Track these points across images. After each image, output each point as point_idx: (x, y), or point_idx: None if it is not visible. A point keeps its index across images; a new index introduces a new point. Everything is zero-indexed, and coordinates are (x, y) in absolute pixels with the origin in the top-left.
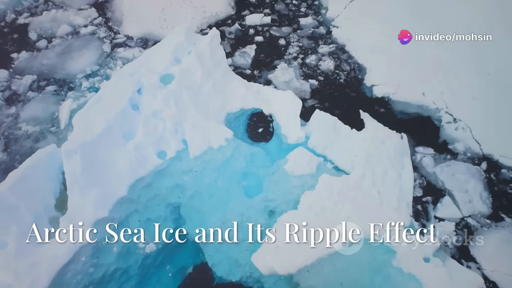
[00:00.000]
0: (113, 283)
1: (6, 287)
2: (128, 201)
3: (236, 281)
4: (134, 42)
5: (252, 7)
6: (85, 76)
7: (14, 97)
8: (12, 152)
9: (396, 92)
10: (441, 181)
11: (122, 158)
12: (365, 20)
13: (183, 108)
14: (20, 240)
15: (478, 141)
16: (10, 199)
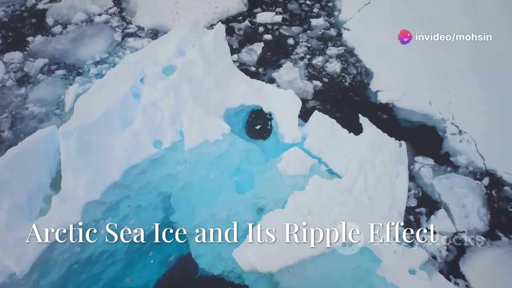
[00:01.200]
0: (99, 265)
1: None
2: (120, 187)
3: (217, 274)
4: (144, 33)
5: (265, 5)
6: (94, 63)
7: (25, 78)
8: (17, 131)
9: (402, 99)
10: (437, 193)
11: (118, 144)
12: (377, 25)
13: (182, 99)
14: (11, 214)
15: (482, 156)
16: (4, 174)
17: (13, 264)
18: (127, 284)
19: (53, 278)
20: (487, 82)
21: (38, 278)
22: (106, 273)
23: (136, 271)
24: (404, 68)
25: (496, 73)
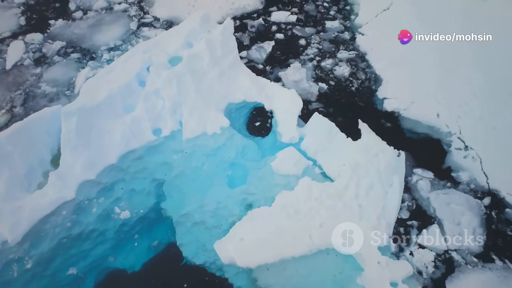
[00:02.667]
0: (88, 242)
1: None
2: (116, 169)
3: (199, 264)
4: (159, 24)
5: (281, 5)
6: (108, 49)
7: (42, 59)
8: (27, 108)
9: (408, 108)
10: (433, 208)
11: (118, 128)
12: (393, 31)
13: (184, 90)
14: (9, 185)
15: (487, 174)
16: (6, 146)
17: (6, 232)
18: (114, 264)
19: (44, 249)
20: (502, 99)
21: (29, 248)
22: (95, 250)
23: (124, 252)
24: (415, 78)
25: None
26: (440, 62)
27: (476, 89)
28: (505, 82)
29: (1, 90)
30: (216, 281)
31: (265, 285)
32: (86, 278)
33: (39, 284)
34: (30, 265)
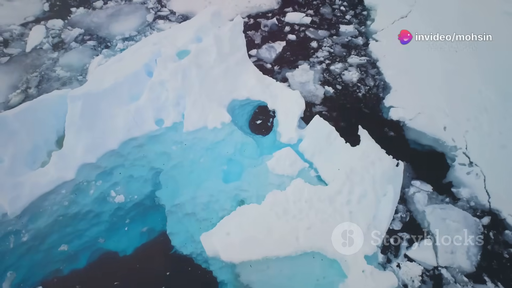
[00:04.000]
0: (84, 222)
1: None
2: (117, 155)
3: (186, 254)
4: (175, 17)
5: (297, 6)
6: (122, 39)
7: (60, 44)
8: (41, 90)
9: (414, 119)
10: (427, 222)
11: (121, 115)
12: None
13: (188, 83)
14: (13, 160)
15: (489, 193)
16: (13, 124)
17: (6, 204)
18: (107, 245)
19: (41, 225)
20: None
21: (27, 222)
22: (90, 231)
23: (118, 236)
24: (425, 89)
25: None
26: (453, 74)
27: (487, 104)
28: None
29: (19, 71)
30: (198, 272)
31: (247, 282)
32: (79, 257)
33: (34, 258)
34: (26, 238)
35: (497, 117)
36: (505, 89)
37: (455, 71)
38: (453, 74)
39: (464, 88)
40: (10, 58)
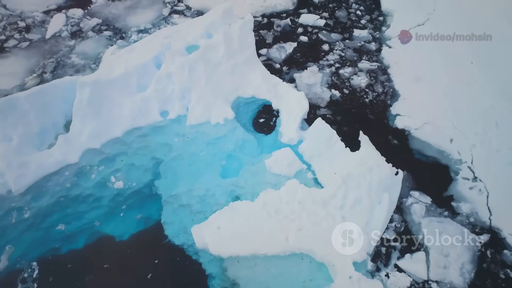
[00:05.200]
0: (84, 205)
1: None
2: (120, 143)
3: (178, 244)
4: (190, 13)
5: (313, 8)
6: (137, 31)
7: (78, 32)
8: (56, 75)
9: (420, 129)
10: (422, 234)
11: (128, 105)
12: (423, 47)
13: (195, 78)
14: (22, 140)
15: (491, 210)
16: (24, 105)
17: (12, 182)
18: (104, 229)
19: (43, 204)
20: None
21: (30, 200)
22: (89, 214)
23: (116, 221)
24: (435, 98)
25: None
26: (466, 86)
27: (499, 120)
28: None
29: (37, 56)
30: (186, 263)
31: (234, 277)
32: (77, 237)
33: (35, 235)
34: (28, 215)
35: (507, 133)
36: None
37: (469, 83)
38: (466, 86)
39: (476, 101)
40: (30, 43)
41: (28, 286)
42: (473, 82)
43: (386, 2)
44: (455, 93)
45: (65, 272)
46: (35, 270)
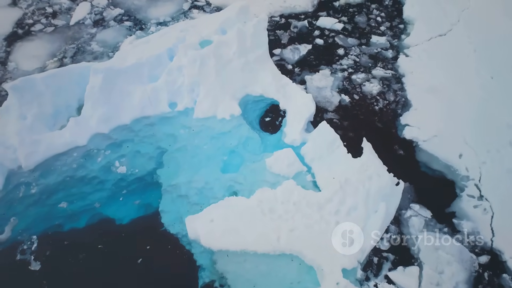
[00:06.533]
0: (89, 186)
1: (12, 148)
2: (128, 130)
3: (173, 233)
4: (209, 9)
5: (332, 11)
6: (156, 23)
7: (100, 21)
8: (75, 60)
9: (429, 141)
10: (418, 248)
11: (138, 94)
12: (442, 58)
13: (205, 72)
14: (35, 120)
15: (494, 231)
16: (39, 86)
17: (23, 158)
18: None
19: (50, 181)
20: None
21: (39, 177)
22: (93, 195)
23: (117, 205)
24: (448, 111)
25: None
26: (482, 102)
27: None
28: None
29: (60, 41)
30: (177, 252)
31: (222, 270)
32: (80, 217)
33: (40, 210)
34: (35, 191)
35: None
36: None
37: (486, 99)
38: (482, 102)
39: (492, 118)
40: (55, 28)
41: (26, 257)
42: (491, 98)
43: (409, 10)
44: (471, 107)
45: (62, 248)
46: (34, 243)
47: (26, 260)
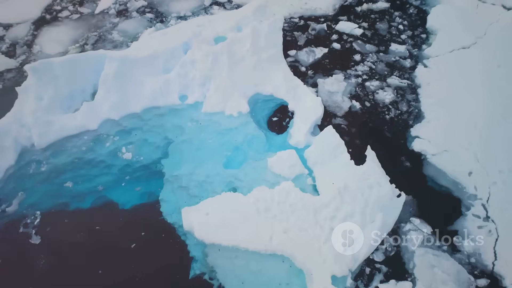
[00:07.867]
0: (96, 169)
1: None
2: (138, 118)
3: (170, 223)
4: (230, 6)
5: (353, 16)
6: (177, 17)
7: (124, 12)
8: (95, 48)
9: (438, 155)
10: (413, 264)
11: (150, 84)
12: (462, 71)
13: (217, 68)
14: (51, 101)
15: (497, 255)
16: (56, 70)
17: (36, 137)
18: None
19: (60, 161)
20: None
21: (50, 156)
22: (99, 178)
23: (121, 190)
24: (462, 127)
25: None
26: (499, 119)
27: None
28: None
29: (83, 29)
30: (170, 241)
31: (213, 264)
32: (85, 198)
33: (48, 188)
34: (45, 169)
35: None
36: None
37: (504, 117)
38: (501, 120)
39: (508, 138)
40: (80, 16)
41: (28, 231)
42: (510, 117)
43: (433, 20)
44: (487, 125)
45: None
46: (37, 219)
47: (28, 234)
